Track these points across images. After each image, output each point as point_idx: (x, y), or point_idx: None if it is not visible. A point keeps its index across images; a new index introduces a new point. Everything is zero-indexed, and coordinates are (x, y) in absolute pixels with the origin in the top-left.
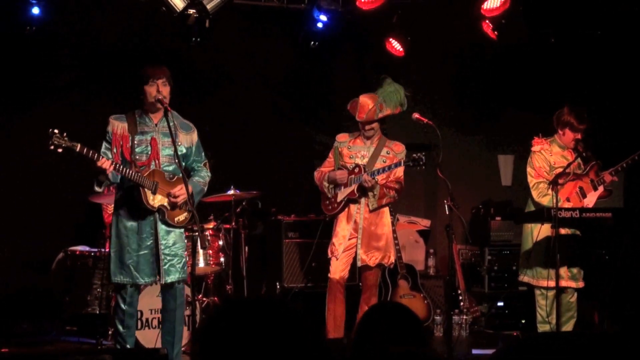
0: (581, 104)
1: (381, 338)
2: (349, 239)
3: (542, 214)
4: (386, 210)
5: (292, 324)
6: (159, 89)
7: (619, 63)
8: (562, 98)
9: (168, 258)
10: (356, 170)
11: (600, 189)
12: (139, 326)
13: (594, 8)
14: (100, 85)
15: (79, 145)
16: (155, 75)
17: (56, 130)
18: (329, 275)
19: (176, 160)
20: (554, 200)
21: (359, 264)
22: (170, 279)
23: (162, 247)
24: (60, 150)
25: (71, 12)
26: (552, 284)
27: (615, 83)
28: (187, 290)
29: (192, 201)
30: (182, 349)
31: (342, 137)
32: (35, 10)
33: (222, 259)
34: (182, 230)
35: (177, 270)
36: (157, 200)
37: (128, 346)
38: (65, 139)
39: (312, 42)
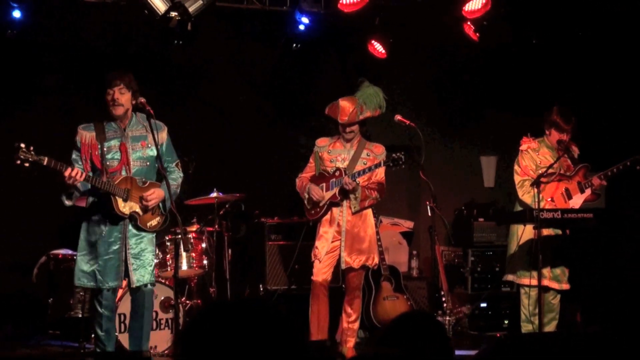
0: (565, 105)
1: (409, 345)
2: (332, 242)
3: (524, 215)
4: (369, 212)
5: (274, 326)
6: (114, 98)
7: (602, 64)
8: (545, 100)
9: (138, 262)
10: (337, 173)
11: (588, 191)
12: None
13: (576, 9)
14: (82, 88)
15: (46, 159)
16: (111, 84)
17: (22, 145)
18: (312, 277)
19: (148, 164)
20: (536, 199)
21: (342, 266)
22: (139, 282)
23: (130, 252)
24: (27, 164)
25: (53, 16)
26: (534, 282)
27: (600, 84)
28: (171, 293)
29: (165, 205)
30: (165, 352)
31: (322, 142)
32: (17, 14)
33: (205, 262)
34: (153, 235)
35: (145, 272)
36: (128, 207)
37: (108, 349)
38: (32, 152)
39: (294, 45)
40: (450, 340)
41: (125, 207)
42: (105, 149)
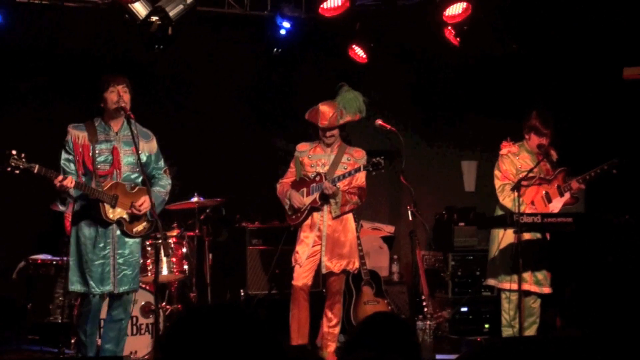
0: (544, 110)
1: (376, 346)
2: (313, 246)
3: (504, 219)
4: (350, 216)
5: (253, 331)
6: (120, 95)
7: (581, 69)
8: (525, 104)
9: (122, 268)
10: (317, 178)
11: (567, 195)
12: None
13: (556, 15)
14: (63, 93)
15: (36, 167)
16: (115, 82)
17: (14, 152)
18: (292, 282)
19: (137, 170)
20: (517, 203)
21: (323, 270)
22: (123, 288)
23: (118, 257)
24: (17, 171)
25: (33, 21)
26: (515, 286)
27: (579, 90)
28: (151, 298)
29: (154, 211)
30: (146, 357)
31: (302, 147)
32: None
33: (185, 267)
34: (139, 240)
35: (129, 280)
36: (116, 213)
37: (90, 354)
38: (23, 160)
39: (275, 49)
40: (417, 340)
41: (112, 213)
42: (97, 151)
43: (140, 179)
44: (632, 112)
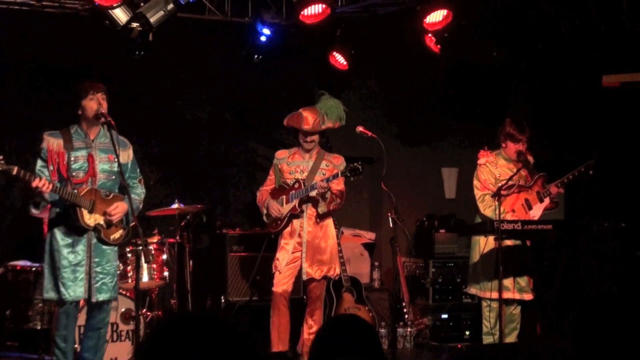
0: (525, 116)
1: (338, 351)
2: (293, 253)
3: (485, 226)
4: (330, 222)
5: (232, 339)
6: (100, 103)
7: (562, 76)
8: (506, 111)
9: (100, 276)
10: (296, 185)
11: (546, 200)
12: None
13: (536, 23)
14: (41, 98)
15: (15, 169)
16: (94, 89)
17: None
18: (272, 288)
19: (113, 177)
20: (497, 210)
21: (304, 277)
22: (102, 297)
23: (95, 265)
24: None
25: (12, 26)
26: (496, 295)
27: (558, 96)
28: (131, 305)
29: (128, 219)
30: None
31: (281, 154)
32: None
33: (166, 273)
34: (116, 248)
35: (108, 289)
36: (93, 219)
37: None
38: (2, 162)
39: (256, 56)
40: (379, 342)
41: (90, 219)
42: (72, 159)
43: (116, 187)
44: (610, 119)
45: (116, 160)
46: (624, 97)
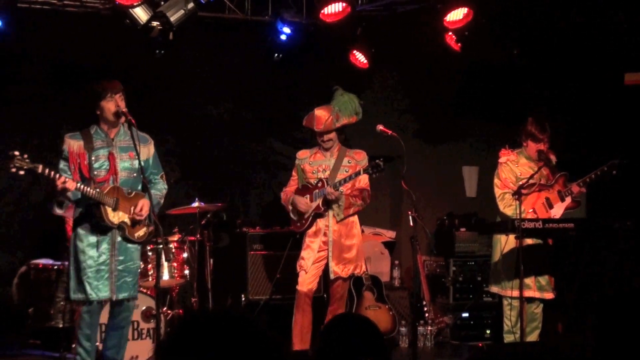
0: (546, 115)
1: (344, 349)
2: (319, 252)
3: (506, 225)
4: (355, 220)
5: (254, 337)
6: (118, 103)
7: (584, 76)
8: (527, 110)
9: (123, 274)
10: (319, 184)
11: (568, 200)
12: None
13: (558, 21)
14: (62, 97)
15: (40, 167)
16: (113, 90)
17: (17, 153)
18: (297, 287)
19: (134, 175)
20: (518, 211)
21: (331, 276)
22: (122, 295)
23: (118, 263)
24: (22, 172)
25: (34, 26)
26: (517, 293)
27: (580, 95)
28: (152, 303)
29: (154, 215)
30: None
31: (302, 154)
32: None
33: (186, 272)
34: (140, 246)
35: (128, 287)
36: (117, 217)
37: None
38: (27, 160)
39: (276, 54)
40: (383, 339)
41: (114, 216)
42: (93, 158)
43: (138, 185)
44: (633, 117)
45: (137, 157)
46: None
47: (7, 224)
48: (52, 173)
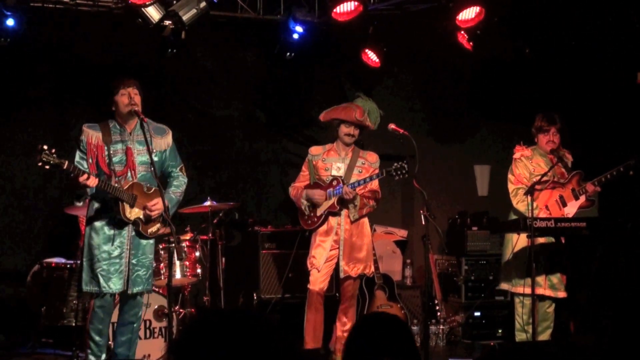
0: (560, 114)
1: (374, 349)
2: (330, 250)
3: (518, 223)
4: (366, 220)
5: (266, 336)
6: (131, 97)
7: (596, 75)
8: (539, 109)
9: (136, 268)
10: (334, 182)
11: (582, 198)
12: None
13: (570, 20)
14: (75, 96)
15: (66, 163)
16: (125, 85)
17: (45, 147)
18: (308, 286)
19: (152, 169)
20: (530, 207)
21: (341, 275)
22: (136, 289)
23: (132, 258)
24: (47, 167)
25: (46, 24)
26: (528, 290)
27: (593, 94)
28: (164, 302)
29: (168, 214)
30: None
31: (315, 150)
32: (10, 22)
33: (199, 270)
34: (153, 241)
35: (142, 281)
36: (133, 213)
37: (103, 357)
38: (54, 155)
39: (288, 53)
40: (413, 340)
41: (130, 213)
42: (111, 152)
43: (154, 181)
44: None
45: (154, 151)
46: None
47: (19, 223)
48: (77, 170)
